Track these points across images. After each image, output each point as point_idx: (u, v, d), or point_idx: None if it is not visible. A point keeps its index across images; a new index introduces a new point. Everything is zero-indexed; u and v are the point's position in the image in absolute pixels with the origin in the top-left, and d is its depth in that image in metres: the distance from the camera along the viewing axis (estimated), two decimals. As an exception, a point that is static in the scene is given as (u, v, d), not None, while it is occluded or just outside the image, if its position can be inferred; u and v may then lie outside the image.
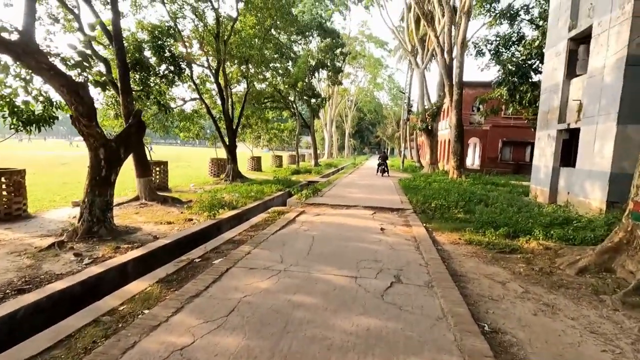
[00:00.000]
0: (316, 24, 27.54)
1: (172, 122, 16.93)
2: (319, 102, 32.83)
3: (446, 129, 30.85)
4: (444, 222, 7.83)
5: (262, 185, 14.03)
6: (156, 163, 13.55)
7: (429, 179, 16.34)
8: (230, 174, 16.97)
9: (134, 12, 14.35)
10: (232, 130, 17.25)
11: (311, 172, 22.87)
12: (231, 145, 17.16)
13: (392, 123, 60.62)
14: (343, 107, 62.73)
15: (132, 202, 10.17)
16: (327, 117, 50.56)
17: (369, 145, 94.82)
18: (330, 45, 30.66)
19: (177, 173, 21.28)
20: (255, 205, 10.30)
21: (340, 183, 15.96)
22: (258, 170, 24.59)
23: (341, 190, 12.96)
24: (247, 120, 25.22)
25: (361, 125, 78.85)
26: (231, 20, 15.68)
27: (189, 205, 9.91)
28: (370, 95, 67.36)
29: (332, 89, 45.13)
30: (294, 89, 26.31)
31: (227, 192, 12.25)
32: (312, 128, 32.25)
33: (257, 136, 29.93)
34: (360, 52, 52.44)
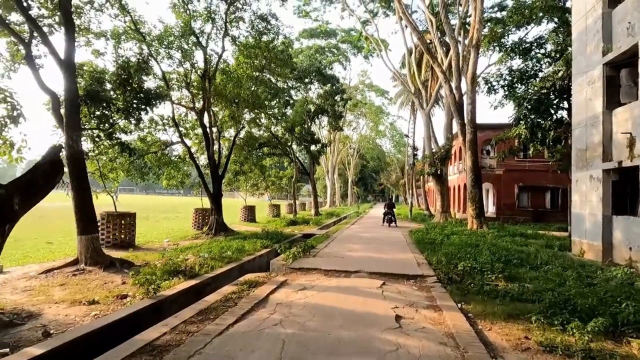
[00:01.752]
0: (315, 69, 26.85)
1: (150, 169, 15.04)
2: (319, 148, 31.38)
3: (456, 173, 28.87)
4: (487, 301, 5.33)
5: (245, 241, 11.65)
6: (120, 215, 11.37)
7: (445, 230, 13.88)
8: (214, 226, 14.67)
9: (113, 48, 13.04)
10: (217, 177, 15.26)
11: (309, 222, 20.51)
12: (215, 194, 15.06)
13: (396, 170, 59.16)
14: (345, 154, 61.77)
15: (66, 268, 7.80)
16: (329, 164, 49.15)
17: (372, 193, 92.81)
18: (330, 91, 29.88)
19: (162, 225, 19.02)
20: (226, 270, 7.87)
21: (341, 236, 13.53)
22: (252, 221, 22.26)
23: (340, 247, 10.52)
24: (240, 167, 23.46)
25: (364, 173, 77.51)
26: (217, 56, 14.40)
27: (139, 270, 7.51)
28: (373, 142, 66.79)
29: (333, 135, 44.19)
30: (291, 134, 24.86)
31: (200, 250, 9.87)
32: (311, 175, 30.42)
33: (253, 184, 28.08)
34: (362, 101, 52.49)
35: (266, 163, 28.55)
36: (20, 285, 6.68)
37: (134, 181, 15.41)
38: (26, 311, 5.14)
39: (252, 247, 10.63)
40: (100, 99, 8.73)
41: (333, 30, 41.62)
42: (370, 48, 41.64)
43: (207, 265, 7.72)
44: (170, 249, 10.86)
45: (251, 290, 5.83)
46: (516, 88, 14.79)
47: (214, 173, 15.21)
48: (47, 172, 5.23)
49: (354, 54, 45.54)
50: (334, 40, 44.00)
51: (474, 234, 12.95)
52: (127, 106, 9.60)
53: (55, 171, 5.36)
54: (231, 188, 24.47)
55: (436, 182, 21.40)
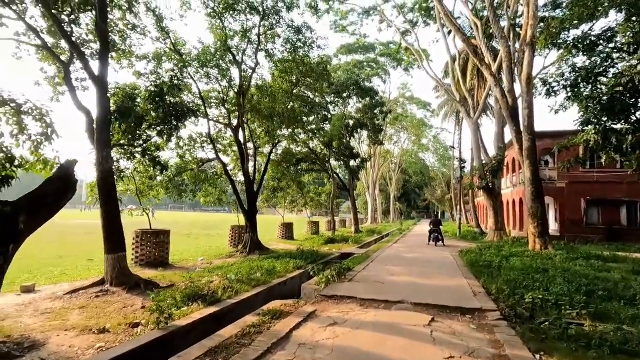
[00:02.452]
0: (353, 83, 26.25)
1: (187, 186, 15.05)
2: (359, 163, 30.44)
3: (509, 187, 26.37)
4: (577, 351, 4.02)
5: (278, 261, 10.92)
6: (154, 233, 11.21)
7: (502, 251, 12.18)
8: (248, 244, 14.17)
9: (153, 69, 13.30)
10: (252, 194, 14.87)
11: (348, 240, 19.43)
12: (250, 211, 14.63)
13: (442, 185, 56.23)
14: (387, 169, 60.04)
15: (92, 288, 7.53)
16: (370, 179, 47.82)
17: (416, 209, 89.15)
18: (369, 105, 29.08)
19: (201, 243, 18.98)
20: (252, 295, 7.13)
21: (382, 257, 12.35)
22: (289, 239, 21.65)
23: (380, 270, 9.40)
24: (278, 183, 23.16)
25: (407, 188, 74.80)
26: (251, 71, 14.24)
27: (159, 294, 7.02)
28: (415, 156, 64.41)
29: (373, 149, 43.04)
30: (329, 149, 24.23)
31: (230, 270, 9.27)
32: (351, 191, 29.41)
33: (291, 201, 27.69)
34: (403, 114, 50.99)
35: (305, 179, 28.12)
36: (42, 307, 6.43)
37: (173, 198, 15.49)
38: (31, 340, 4.72)
39: (284, 268, 9.85)
40: (130, 115, 8.64)
41: (371, 44, 41.18)
42: (410, 60, 40.50)
43: (231, 290, 7.03)
44: (201, 269, 10.42)
45: (273, 323, 5.00)
46: (581, 88, 12.94)
47: (249, 190, 14.85)
48: (58, 188, 4.87)
49: (394, 67, 44.62)
50: (372, 55, 43.52)
51: (538, 256, 11.15)
52: (158, 122, 9.48)
53: (67, 188, 5.00)
54: (269, 205, 24.17)
55: (488, 196, 19.45)
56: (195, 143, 15.58)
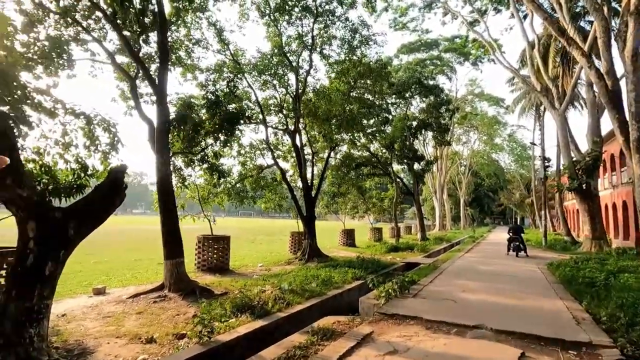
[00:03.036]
0: (415, 81, 24.78)
1: (247, 192, 15.24)
2: (424, 166, 28.65)
3: (608, 188, 22.45)
4: None
5: (336, 270, 10.28)
6: (214, 239, 11.36)
7: (607, 265, 10.02)
8: (307, 251, 13.80)
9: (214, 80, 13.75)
10: (310, 199, 14.51)
11: (414, 248, 18.06)
12: (308, 217, 14.27)
13: (520, 187, 50.78)
14: (455, 172, 56.10)
15: (152, 293, 7.65)
16: (436, 183, 44.96)
17: (490, 215, 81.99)
18: (433, 104, 27.27)
19: (263, 248, 19.21)
20: (304, 307, 6.57)
21: (452, 268, 11.00)
22: (351, 246, 20.93)
23: (451, 284, 8.21)
24: (337, 188, 22.64)
25: (479, 192, 69.12)
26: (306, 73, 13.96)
27: (214, 301, 6.84)
28: (488, 157, 59.15)
29: (440, 151, 40.45)
30: (390, 151, 23.09)
31: (285, 279, 8.89)
32: (416, 195, 27.73)
33: (353, 206, 26.99)
34: (472, 112, 47.30)
35: (367, 184, 27.22)
36: (105, 310, 6.60)
37: (235, 205, 15.79)
38: (82, 347, 4.70)
39: (342, 278, 9.17)
40: (186, 122, 8.79)
41: (434, 40, 38.99)
42: (478, 53, 37.49)
43: (282, 301, 6.56)
44: (258, 276, 10.23)
45: (322, 345, 4.35)
46: None
47: (307, 195, 14.52)
48: (104, 195, 4.84)
49: (460, 63, 41.72)
50: (435, 52, 41.20)
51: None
52: (215, 129, 9.56)
53: (114, 193, 4.96)
54: (329, 210, 23.74)
55: (581, 199, 16.60)
56: (255, 150, 15.81)
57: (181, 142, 9.43)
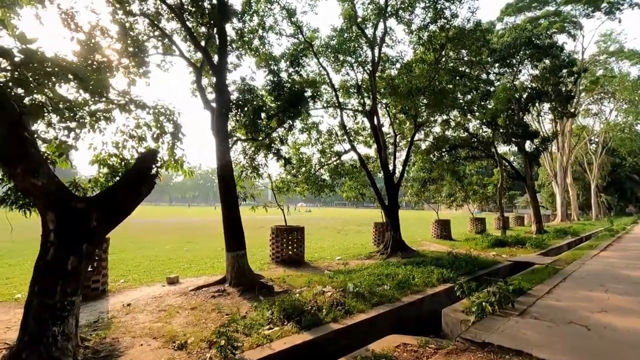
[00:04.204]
0: (524, 41, 20.45)
1: (324, 181, 14.43)
2: (538, 145, 23.85)
3: None
4: None
5: (420, 268, 8.65)
6: (288, 230, 10.84)
7: None
8: (389, 244, 12.33)
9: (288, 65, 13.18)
10: (392, 186, 12.94)
11: (525, 243, 14.81)
12: (391, 207, 12.74)
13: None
14: (583, 151, 46.35)
15: (214, 286, 7.34)
16: (557, 165, 37.62)
17: (635, 202, 66.06)
18: (549, 67, 22.35)
19: (348, 240, 18.33)
20: (367, 318, 5.30)
21: (581, 272, 8.28)
22: (446, 238, 18.58)
23: (580, 297, 5.90)
24: (428, 174, 20.26)
25: (617, 175, 55.96)
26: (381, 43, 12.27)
27: (270, 299, 6.13)
28: (631, 130, 47.04)
29: (561, 126, 33.66)
30: (492, 128, 19.63)
31: (353, 278, 7.73)
32: (528, 180, 23.27)
33: (449, 194, 24.13)
34: (606, 74, 38.10)
35: (465, 169, 23.94)
36: (165, 303, 6.44)
37: (313, 194, 15.16)
38: (112, 348, 4.35)
39: (424, 279, 7.54)
40: (246, 105, 8.25)
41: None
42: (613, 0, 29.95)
43: (341, 308, 5.41)
44: (330, 271, 9.29)
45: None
46: None
47: (389, 182, 12.95)
48: (130, 183, 4.38)
49: (587, 15, 33.80)
50: (552, 7, 34.14)
51: None
52: (278, 112, 8.85)
53: (141, 182, 4.47)
54: (420, 199, 21.45)
55: None
56: (333, 136, 14.89)
57: (244, 128, 8.97)
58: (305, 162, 14.54)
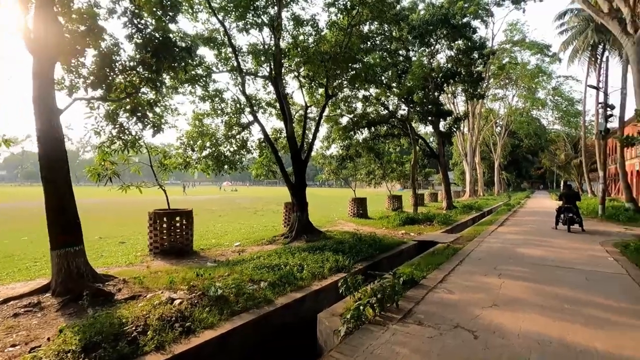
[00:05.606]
0: (439, 19, 20.40)
1: (225, 157, 12.60)
2: (451, 123, 24.66)
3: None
4: None
5: (316, 255, 7.57)
6: (169, 214, 8.94)
7: None
8: (295, 227, 11.15)
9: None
10: (299, 162, 11.67)
11: (433, 220, 14.94)
12: (297, 185, 11.52)
13: (565, 147, 45.11)
14: (490, 133, 50.72)
15: (26, 298, 5.31)
16: (467, 145, 40.40)
17: (528, 179, 75.76)
18: (463, 49, 22.86)
19: (257, 221, 16.82)
20: (216, 336, 3.92)
21: (478, 252, 7.96)
22: (362, 217, 18.15)
23: (473, 286, 5.25)
24: (346, 151, 19.59)
25: (516, 155, 63.06)
26: None
27: (96, 314, 4.39)
28: (527, 115, 52.60)
29: (472, 107, 35.76)
30: (408, 104, 19.49)
31: (238, 270, 6.32)
32: (441, 158, 24.07)
33: (368, 172, 23.92)
34: (511, 61, 41.27)
35: (385, 147, 23.91)
36: None
37: (214, 172, 13.22)
38: None
39: (316, 269, 6.44)
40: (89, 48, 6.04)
41: (467, -25, 33.15)
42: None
43: (181, 323, 3.94)
44: (216, 263, 7.78)
45: None
46: None
47: (296, 158, 11.65)
48: None
49: (498, 3, 35.70)
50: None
51: None
52: (135, 64, 6.74)
53: None
54: (338, 177, 20.74)
55: (659, 155, 12.52)
56: (238, 105, 12.98)
57: (91, 85, 6.70)
58: (207, 135, 12.51)
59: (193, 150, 12.30)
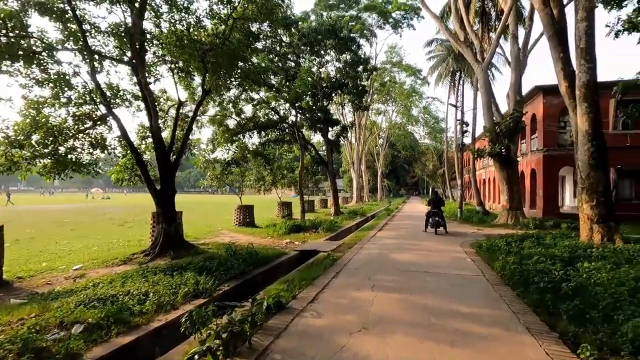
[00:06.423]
0: (327, 29, 20.90)
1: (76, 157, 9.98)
2: (339, 132, 25.50)
3: (526, 154, 21.85)
4: None
5: (175, 277, 6.18)
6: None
7: (550, 246, 7.71)
8: (159, 241, 9.37)
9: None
10: (166, 164, 9.94)
11: (319, 227, 14.78)
12: (163, 192, 9.77)
13: (433, 158, 51.97)
14: (374, 144, 55.27)
15: None
16: (355, 154, 43.01)
17: (405, 186, 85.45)
18: (349, 62, 23.91)
19: (131, 233, 14.10)
20: None
21: (356, 261, 7.74)
22: (249, 225, 16.99)
23: (344, 304, 4.74)
24: (232, 155, 18.25)
25: (396, 164, 70.46)
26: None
27: None
28: (404, 129, 59.38)
29: (358, 118, 38.07)
30: (296, 110, 19.28)
31: (55, 308, 4.53)
32: (330, 165, 24.61)
33: (257, 178, 22.85)
34: (391, 80, 45.75)
35: (275, 153, 23.23)
36: None
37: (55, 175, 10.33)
38: None
39: (167, 297, 5.12)
40: None
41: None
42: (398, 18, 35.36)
43: None
44: (42, 292, 5.69)
45: None
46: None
47: (163, 160, 9.87)
48: None
49: (380, 26, 39.13)
50: (354, 12, 37.85)
51: (613, 255, 6.69)
52: None
53: None
54: (222, 182, 19.09)
55: (501, 166, 14.90)
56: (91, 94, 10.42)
57: None
58: (46, 128, 9.65)
59: (22, 147, 9.41)
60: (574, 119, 8.61)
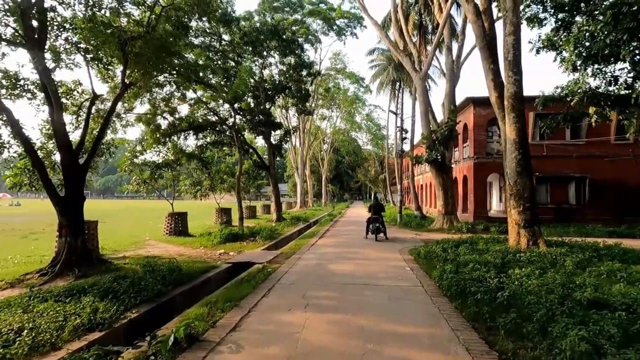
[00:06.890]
0: (269, 30, 20.24)
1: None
2: (282, 136, 24.85)
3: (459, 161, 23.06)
4: None
5: (69, 303, 5.05)
6: None
7: (483, 252, 7.85)
8: (62, 257, 7.90)
9: None
10: (74, 166, 8.50)
11: (258, 235, 13.95)
12: (69, 199, 8.31)
13: (375, 164, 53.52)
14: (319, 149, 55.44)
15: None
16: (299, 159, 42.63)
17: (349, 191, 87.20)
18: (293, 65, 23.45)
19: (31, 247, 11.98)
20: None
21: (292, 274, 7.14)
22: (182, 234, 15.54)
23: (269, 338, 4.12)
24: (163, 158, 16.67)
25: (340, 169, 71.50)
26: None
27: None
28: (348, 135, 60.60)
29: (302, 123, 37.76)
30: (234, 110, 18.28)
31: None
32: (272, 170, 23.81)
33: (194, 182, 21.31)
34: (336, 86, 46.30)
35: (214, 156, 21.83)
36: None
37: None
38: None
39: (50, 331, 4.06)
40: None
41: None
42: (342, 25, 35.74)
43: None
44: None
45: None
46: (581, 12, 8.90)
47: (68, 162, 8.40)
48: None
49: (325, 33, 39.39)
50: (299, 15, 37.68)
51: (539, 259, 6.95)
52: None
53: None
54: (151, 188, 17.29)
55: (437, 172, 15.42)
56: None
57: None
58: None
59: None
60: (503, 128, 9.01)
